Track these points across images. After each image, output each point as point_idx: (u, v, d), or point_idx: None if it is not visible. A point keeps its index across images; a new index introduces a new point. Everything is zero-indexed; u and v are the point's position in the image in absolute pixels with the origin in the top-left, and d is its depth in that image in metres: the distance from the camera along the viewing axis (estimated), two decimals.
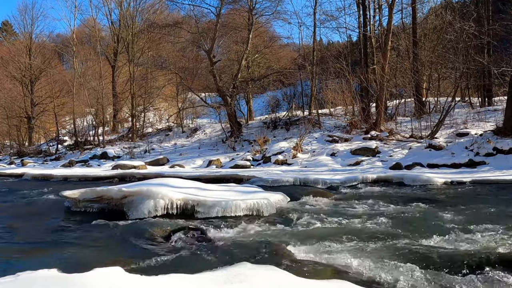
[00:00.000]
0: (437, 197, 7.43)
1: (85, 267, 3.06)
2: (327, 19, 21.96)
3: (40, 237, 5.24)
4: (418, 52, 17.57)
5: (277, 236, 4.77)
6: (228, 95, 20.09)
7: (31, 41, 30.47)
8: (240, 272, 3.06)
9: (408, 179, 9.49)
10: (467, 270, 3.47)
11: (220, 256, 3.99)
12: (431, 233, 4.69)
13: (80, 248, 4.64)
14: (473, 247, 4.10)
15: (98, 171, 15.43)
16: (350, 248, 4.18)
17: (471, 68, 16.31)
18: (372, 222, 5.38)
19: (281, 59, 25.98)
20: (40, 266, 3.13)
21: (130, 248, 4.50)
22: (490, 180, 9.07)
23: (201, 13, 22.74)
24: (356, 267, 3.61)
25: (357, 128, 17.16)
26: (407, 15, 20.70)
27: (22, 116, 28.25)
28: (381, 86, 15.91)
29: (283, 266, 3.46)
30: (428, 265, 3.60)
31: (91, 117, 26.39)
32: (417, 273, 3.43)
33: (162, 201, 6.00)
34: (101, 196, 6.60)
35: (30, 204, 7.94)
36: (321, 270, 3.51)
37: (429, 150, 12.90)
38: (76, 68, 26.75)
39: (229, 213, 5.92)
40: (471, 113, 16.40)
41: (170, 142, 22.55)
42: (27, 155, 24.72)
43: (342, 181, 9.54)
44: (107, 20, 30.72)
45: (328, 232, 4.85)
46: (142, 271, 3.54)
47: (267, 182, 9.80)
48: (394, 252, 3.97)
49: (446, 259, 3.70)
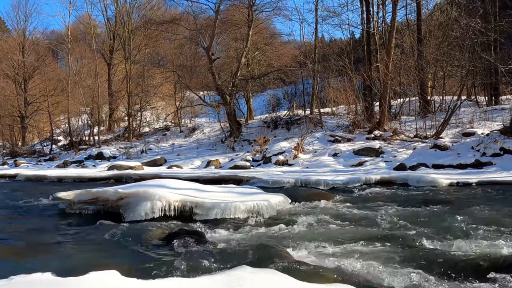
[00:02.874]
0: (443, 198, 7.43)
1: (80, 270, 3.06)
2: (329, 15, 21.90)
3: (33, 239, 5.23)
4: (423, 50, 17.58)
5: (278, 238, 4.77)
6: (227, 93, 20.09)
7: (25, 38, 30.47)
8: (240, 276, 3.06)
9: (413, 180, 9.49)
10: (472, 273, 3.47)
11: (219, 259, 3.99)
12: (435, 235, 4.69)
13: (75, 251, 4.63)
14: (480, 250, 4.09)
15: (93, 172, 15.43)
16: (353, 251, 4.18)
17: (478, 66, 16.31)
18: (375, 224, 5.38)
19: (282, 57, 25.98)
20: (34, 269, 3.13)
21: (127, 251, 4.50)
22: (497, 181, 9.07)
23: (199, 9, 22.84)
24: (359, 271, 3.61)
25: (360, 127, 17.17)
26: (412, 11, 20.74)
27: (15, 115, 28.24)
28: (385, 85, 15.91)
29: (284, 270, 3.46)
30: (432, 268, 3.60)
31: (86, 116, 26.39)
32: (422, 277, 3.43)
33: (160, 202, 6.00)
34: (97, 198, 6.59)
35: (23, 205, 7.94)
36: (323, 273, 3.51)
37: (434, 150, 12.91)
38: (71, 65, 26.74)
39: (229, 215, 5.92)
40: (477, 112, 16.40)
41: (168, 142, 22.55)
42: (21, 155, 24.71)
43: (345, 182, 9.54)
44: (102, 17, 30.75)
45: (330, 234, 4.85)
46: (139, 274, 3.53)
47: (267, 183, 9.81)
48: (398, 255, 3.97)
49: (451, 262, 3.70)
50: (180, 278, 3.02)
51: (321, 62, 22.68)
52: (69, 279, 2.78)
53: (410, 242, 4.45)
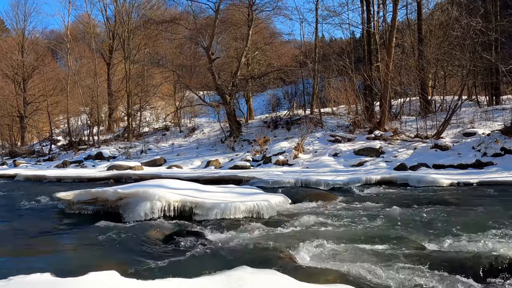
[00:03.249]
0: (443, 199, 7.43)
1: (79, 271, 3.06)
2: (329, 15, 21.87)
3: (32, 240, 5.24)
4: (423, 49, 17.58)
5: (278, 239, 4.77)
6: (227, 93, 20.09)
7: (24, 38, 30.48)
8: (240, 276, 3.06)
9: (413, 180, 9.50)
10: (474, 274, 3.47)
11: (219, 260, 4.00)
12: (437, 236, 4.69)
13: (74, 251, 4.64)
14: (481, 250, 4.09)
15: (93, 172, 15.43)
16: (354, 251, 4.18)
17: (478, 66, 16.31)
18: (376, 225, 5.39)
19: (282, 56, 25.99)
20: (33, 270, 3.13)
21: (126, 252, 4.50)
22: (498, 181, 9.07)
23: (199, 9, 22.88)
24: (360, 271, 3.61)
25: (360, 127, 17.17)
26: (412, 11, 20.78)
27: (14, 115, 28.25)
28: (385, 84, 15.92)
29: (284, 270, 3.46)
30: (434, 269, 3.60)
31: (85, 116, 26.39)
32: (423, 278, 3.43)
33: (159, 203, 6.00)
34: (96, 198, 6.60)
35: (23, 206, 7.94)
36: (323, 274, 3.51)
37: (435, 151, 12.91)
38: (70, 65, 26.74)
39: (228, 215, 5.92)
40: (478, 112, 16.40)
41: (167, 142, 22.56)
42: (20, 155, 24.71)
43: (345, 182, 9.54)
44: (102, 16, 30.65)
45: (330, 235, 4.85)
46: (139, 275, 3.54)
47: (267, 184, 9.81)
48: (399, 256, 3.97)
49: (452, 263, 3.70)
50: (180, 279, 3.02)
51: (322, 61, 22.68)
52: (68, 279, 2.78)
53: (411, 242, 4.45)
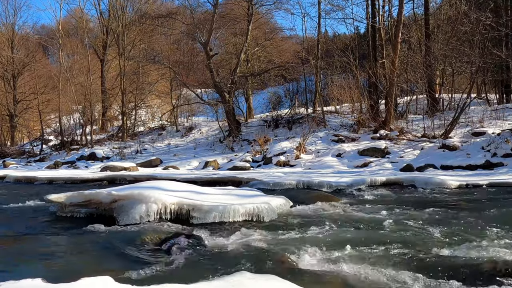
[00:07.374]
0: (452, 201, 7.44)
1: (72, 276, 3.06)
2: (332, 9, 22.03)
3: (23, 244, 5.24)
4: (430, 45, 17.57)
5: (279, 243, 4.77)
6: (226, 91, 20.10)
7: (14, 33, 30.51)
8: (239, 282, 3.07)
9: (420, 181, 9.49)
10: (482, 279, 3.47)
11: (217, 265, 4.00)
12: (444, 240, 4.69)
13: (66, 256, 4.64)
14: (491, 254, 4.10)
15: (85, 173, 15.45)
16: (357, 256, 4.18)
17: (488, 62, 16.28)
18: (381, 228, 5.39)
19: (283, 53, 26.02)
20: (24, 275, 3.13)
21: (121, 256, 4.50)
22: (508, 183, 9.04)
23: (196, 3, 22.87)
24: (363, 277, 3.61)
25: (365, 127, 17.18)
26: (419, 5, 20.78)
27: (4, 114, 28.27)
28: (391, 82, 15.92)
29: (286, 276, 3.46)
30: (441, 273, 3.60)
31: (78, 115, 26.40)
32: (430, 284, 3.43)
33: (155, 205, 6.00)
34: (89, 200, 6.59)
35: (12, 208, 7.94)
36: (325, 279, 3.52)
37: (443, 151, 12.92)
38: (62, 62, 26.76)
39: (227, 218, 5.92)
40: (488, 111, 16.39)
41: (164, 142, 22.58)
42: (9, 155, 24.71)
43: (349, 184, 9.54)
44: (95, 11, 30.80)
45: (333, 239, 4.85)
46: (133, 280, 3.54)
47: (268, 185, 9.80)
48: (405, 261, 3.97)
49: (460, 267, 3.70)
50: (176, 284, 3.02)
51: (324, 58, 22.70)
52: (60, 285, 2.79)
53: (418, 246, 4.45)
